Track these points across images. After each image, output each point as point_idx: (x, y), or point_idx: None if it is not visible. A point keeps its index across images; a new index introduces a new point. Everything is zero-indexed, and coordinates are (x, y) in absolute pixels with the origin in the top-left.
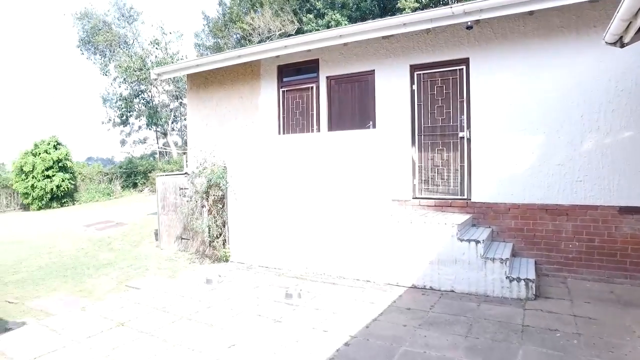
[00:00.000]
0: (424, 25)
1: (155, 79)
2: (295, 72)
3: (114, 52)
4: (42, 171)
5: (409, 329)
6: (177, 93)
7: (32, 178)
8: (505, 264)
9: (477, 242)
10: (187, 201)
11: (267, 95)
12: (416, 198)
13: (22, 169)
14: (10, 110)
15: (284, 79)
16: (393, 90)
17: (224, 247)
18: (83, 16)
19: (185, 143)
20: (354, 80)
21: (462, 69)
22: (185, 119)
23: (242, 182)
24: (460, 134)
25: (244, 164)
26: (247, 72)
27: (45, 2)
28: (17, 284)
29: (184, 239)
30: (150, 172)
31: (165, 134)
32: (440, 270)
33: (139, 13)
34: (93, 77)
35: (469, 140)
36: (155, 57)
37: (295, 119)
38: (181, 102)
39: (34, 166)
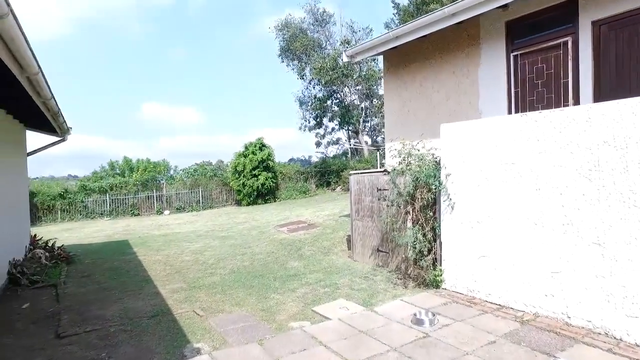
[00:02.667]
0: None
1: (349, 62)
2: (534, 27)
3: (309, 56)
4: (250, 170)
5: None
6: (368, 92)
7: (243, 177)
8: None
9: None
10: (387, 206)
11: (490, 64)
12: None
13: (236, 169)
14: (233, 119)
15: (516, 40)
16: None
17: (434, 269)
18: (283, 27)
19: (375, 142)
20: None
21: None
22: (375, 118)
23: (461, 182)
24: None
25: (464, 157)
26: (460, 38)
27: (255, 23)
28: (209, 289)
29: (382, 251)
30: (342, 171)
31: (356, 133)
32: None
33: (331, 15)
34: (292, 83)
35: None
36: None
37: (535, 92)
38: (371, 101)
39: (244, 166)
